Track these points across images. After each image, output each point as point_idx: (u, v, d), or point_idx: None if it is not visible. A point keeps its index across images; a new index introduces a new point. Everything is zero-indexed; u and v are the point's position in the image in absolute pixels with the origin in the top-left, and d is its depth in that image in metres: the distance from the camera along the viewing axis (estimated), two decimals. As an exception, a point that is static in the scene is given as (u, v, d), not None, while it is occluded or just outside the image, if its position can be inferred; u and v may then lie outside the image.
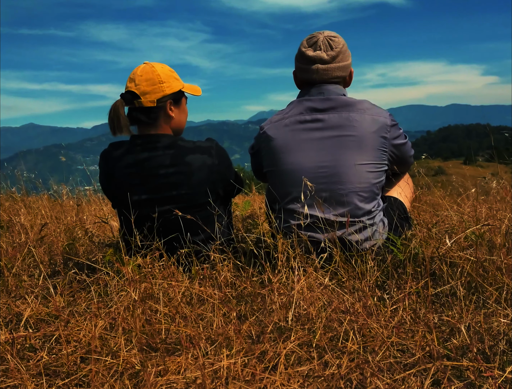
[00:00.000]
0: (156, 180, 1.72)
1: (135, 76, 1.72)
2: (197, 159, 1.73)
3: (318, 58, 1.78)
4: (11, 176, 4.22)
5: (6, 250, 2.08)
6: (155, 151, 1.72)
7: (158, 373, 1.13)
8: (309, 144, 1.75)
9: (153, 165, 1.72)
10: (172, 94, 1.76)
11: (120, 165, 1.74)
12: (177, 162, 1.71)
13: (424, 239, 1.73)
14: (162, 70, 1.74)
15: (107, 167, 1.79)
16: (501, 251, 1.56)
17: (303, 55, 1.81)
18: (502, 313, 1.32)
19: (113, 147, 1.80)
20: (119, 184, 1.76)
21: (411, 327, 1.30)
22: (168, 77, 1.75)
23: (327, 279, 1.53)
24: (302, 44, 1.83)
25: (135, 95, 1.71)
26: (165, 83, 1.73)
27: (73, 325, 1.36)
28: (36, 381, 1.13)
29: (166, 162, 1.71)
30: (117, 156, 1.76)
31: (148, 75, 1.71)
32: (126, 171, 1.74)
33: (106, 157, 1.80)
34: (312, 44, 1.80)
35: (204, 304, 1.48)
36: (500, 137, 2.96)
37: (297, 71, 1.89)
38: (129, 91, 1.72)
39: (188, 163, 1.71)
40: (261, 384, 1.06)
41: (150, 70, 1.72)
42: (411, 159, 1.97)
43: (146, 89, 1.70)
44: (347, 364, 1.12)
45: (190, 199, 1.74)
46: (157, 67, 1.74)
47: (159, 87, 1.71)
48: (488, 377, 1.05)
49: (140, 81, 1.71)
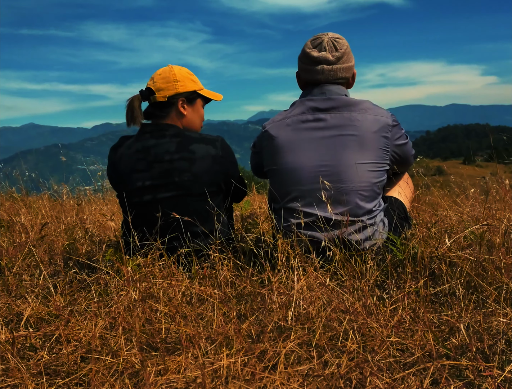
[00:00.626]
0: (160, 166, 1.77)
1: (155, 75, 1.87)
2: (201, 148, 1.79)
3: (324, 59, 1.80)
4: (11, 176, 4.22)
5: (6, 249, 2.09)
6: (163, 138, 1.80)
7: (158, 372, 1.14)
8: (310, 143, 1.76)
9: (159, 151, 1.78)
10: (185, 93, 1.87)
11: (129, 152, 1.82)
12: (182, 149, 1.78)
13: (423, 239, 1.73)
14: (179, 71, 1.88)
15: (115, 156, 1.85)
16: (500, 251, 1.56)
17: (308, 56, 1.82)
18: (501, 313, 1.32)
19: (123, 139, 1.89)
20: (125, 170, 1.81)
21: (411, 326, 1.30)
22: (184, 77, 1.87)
23: (327, 279, 1.53)
24: (306, 45, 1.85)
25: (151, 91, 1.84)
26: (180, 82, 1.85)
27: (73, 325, 1.37)
28: (37, 380, 1.13)
29: (171, 148, 1.78)
30: (126, 145, 1.85)
31: (165, 74, 1.85)
32: (134, 157, 1.81)
33: (115, 148, 1.88)
34: (317, 45, 1.81)
35: (204, 304, 1.49)
36: (499, 137, 2.96)
37: (300, 72, 1.90)
38: (147, 87, 1.85)
39: (192, 151, 1.78)
40: (261, 383, 1.07)
41: (168, 70, 1.87)
42: (412, 158, 1.98)
43: (161, 86, 1.83)
44: (346, 363, 1.12)
45: (191, 187, 1.77)
46: (175, 68, 1.88)
47: (173, 85, 1.84)
48: (487, 376, 1.05)
49: (158, 79, 1.85)
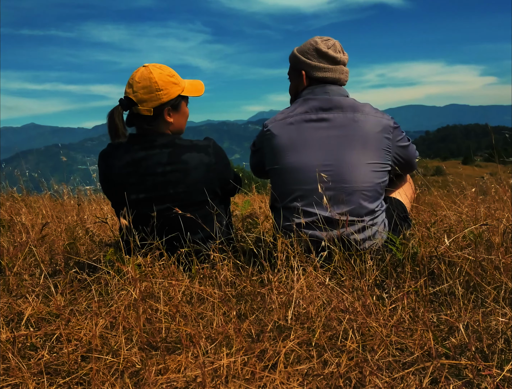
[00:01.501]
0: (153, 179, 1.72)
1: (133, 82, 1.71)
2: (194, 158, 1.73)
3: (342, 61, 1.86)
4: (12, 176, 4.23)
5: (7, 249, 2.09)
6: (152, 149, 1.73)
7: (159, 371, 1.14)
8: (314, 143, 1.76)
9: (150, 163, 1.72)
10: (170, 101, 1.75)
11: (118, 164, 1.75)
12: (174, 160, 1.72)
13: (422, 239, 1.74)
14: (160, 76, 1.71)
15: (106, 167, 1.80)
16: (499, 250, 1.57)
17: (326, 55, 1.83)
18: (500, 312, 1.33)
19: (111, 147, 1.81)
20: (117, 183, 1.77)
21: (410, 326, 1.31)
22: (166, 83, 1.72)
23: (326, 279, 1.53)
24: (319, 44, 1.84)
25: (133, 102, 1.71)
26: (163, 90, 1.71)
27: (74, 324, 1.37)
28: (37, 380, 1.14)
29: (163, 160, 1.72)
30: (115, 156, 1.77)
31: (145, 82, 1.69)
32: (124, 171, 1.74)
33: (104, 158, 1.82)
34: (331, 46, 1.84)
35: (204, 303, 1.49)
36: (498, 137, 2.97)
37: (310, 70, 1.87)
38: (127, 97, 1.72)
39: (185, 161, 1.72)
40: (260, 382, 1.07)
41: (148, 76, 1.70)
42: (415, 162, 1.99)
43: (143, 97, 1.70)
44: (346, 362, 1.12)
45: (187, 198, 1.74)
46: (155, 73, 1.70)
47: (156, 95, 1.70)
48: (486, 375, 1.06)
49: (138, 88, 1.70)
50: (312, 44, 1.86)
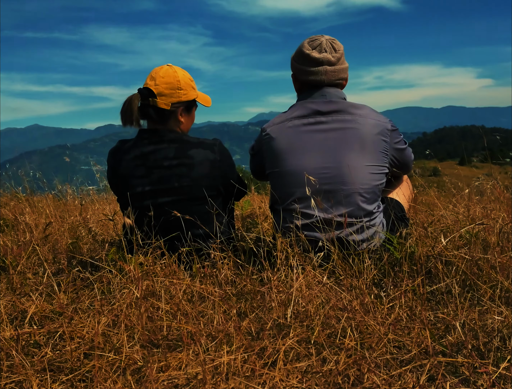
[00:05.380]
0: (160, 172, 1.78)
1: (157, 76, 1.79)
2: (200, 153, 1.79)
3: (326, 60, 1.79)
4: (16, 176, 4.25)
5: (11, 248, 2.11)
6: (161, 144, 1.79)
7: (160, 369, 1.16)
8: (312, 146, 1.77)
9: (158, 157, 1.78)
10: (186, 102, 1.84)
11: (127, 157, 1.81)
12: (181, 154, 1.78)
13: (420, 238, 1.75)
14: (183, 77, 1.82)
15: (114, 161, 1.85)
16: (495, 250, 1.58)
17: (308, 57, 1.80)
18: (496, 311, 1.34)
19: (121, 143, 1.88)
20: (124, 175, 1.81)
21: (407, 324, 1.32)
22: (187, 85, 1.83)
23: (325, 277, 1.55)
24: (304, 47, 1.82)
25: (152, 94, 1.78)
26: (183, 90, 1.81)
27: (76, 322, 1.39)
28: (41, 377, 1.16)
29: (170, 154, 1.78)
30: (124, 150, 1.83)
31: (169, 78, 1.78)
32: (132, 163, 1.80)
33: (114, 152, 1.87)
34: (316, 46, 1.80)
35: (205, 302, 1.50)
36: (494, 139, 2.99)
37: (297, 74, 1.88)
38: (147, 88, 1.79)
39: (190, 156, 1.78)
40: (260, 379, 1.09)
41: (173, 74, 1.80)
42: (411, 164, 2.01)
43: (165, 91, 1.78)
44: (344, 360, 1.14)
45: (191, 191, 1.79)
46: (179, 73, 1.81)
47: (176, 92, 1.79)
48: (482, 373, 1.07)
49: (161, 82, 1.78)
50: (300, 46, 1.85)
